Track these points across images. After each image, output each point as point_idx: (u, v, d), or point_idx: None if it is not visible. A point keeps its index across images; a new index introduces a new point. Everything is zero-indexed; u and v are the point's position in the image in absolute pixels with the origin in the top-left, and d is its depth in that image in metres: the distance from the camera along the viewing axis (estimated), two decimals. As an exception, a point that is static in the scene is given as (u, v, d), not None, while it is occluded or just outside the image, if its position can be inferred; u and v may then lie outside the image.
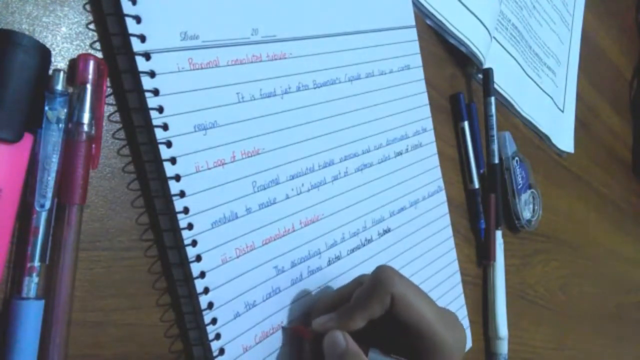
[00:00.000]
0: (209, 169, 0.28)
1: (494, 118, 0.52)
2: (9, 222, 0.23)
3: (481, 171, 0.51)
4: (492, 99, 0.52)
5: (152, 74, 0.26)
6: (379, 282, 0.29)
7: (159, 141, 0.26)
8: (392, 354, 0.30)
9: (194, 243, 0.27)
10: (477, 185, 0.50)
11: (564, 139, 0.69)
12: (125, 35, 0.26)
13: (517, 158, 0.55)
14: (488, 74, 0.52)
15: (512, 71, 0.59)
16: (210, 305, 0.28)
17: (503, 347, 0.51)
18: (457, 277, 0.47)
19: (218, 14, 0.29)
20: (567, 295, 0.69)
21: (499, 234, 0.52)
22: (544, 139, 0.65)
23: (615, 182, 0.84)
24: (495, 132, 0.52)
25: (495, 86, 0.54)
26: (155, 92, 0.26)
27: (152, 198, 0.28)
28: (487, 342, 0.52)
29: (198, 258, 0.28)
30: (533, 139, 0.64)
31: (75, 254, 0.24)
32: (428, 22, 0.47)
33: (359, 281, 0.33)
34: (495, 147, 0.52)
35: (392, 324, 0.30)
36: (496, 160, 0.52)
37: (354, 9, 0.38)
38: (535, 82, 0.63)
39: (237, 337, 0.29)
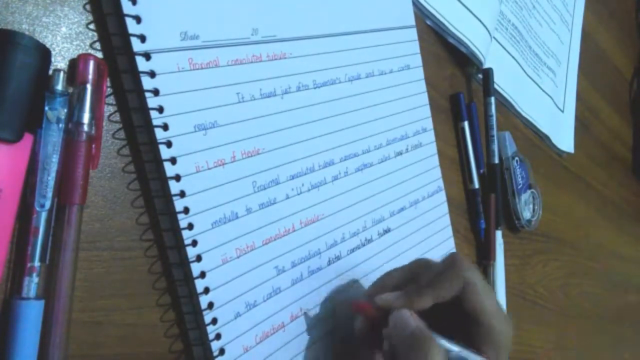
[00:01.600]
0: (209, 169, 0.28)
1: (494, 118, 0.52)
2: (9, 222, 0.23)
3: (481, 171, 0.51)
4: (492, 99, 0.52)
5: (152, 74, 0.26)
6: (454, 264, 0.30)
7: (159, 141, 0.26)
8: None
9: (194, 243, 0.27)
10: (477, 185, 0.50)
11: (564, 139, 0.69)
12: (125, 35, 0.26)
13: (517, 158, 0.55)
14: (488, 74, 0.52)
15: (512, 71, 0.59)
16: (211, 305, 0.28)
17: (503, 347, 0.51)
18: (457, 277, 0.47)
19: (218, 13, 0.29)
20: (567, 295, 0.69)
21: (499, 234, 0.52)
22: (544, 139, 0.65)
23: (615, 182, 0.84)
24: (495, 132, 0.52)
25: (495, 86, 0.54)
26: (155, 92, 0.26)
27: (152, 198, 0.28)
28: (487, 342, 0.52)
29: (198, 258, 0.28)
30: (533, 139, 0.64)
31: (75, 254, 0.24)
32: (428, 22, 0.47)
33: (421, 263, 0.34)
34: (495, 147, 0.52)
35: (449, 309, 0.30)
36: (496, 160, 0.52)
37: (354, 9, 0.38)
38: (535, 82, 0.63)
39: (237, 337, 0.29)
